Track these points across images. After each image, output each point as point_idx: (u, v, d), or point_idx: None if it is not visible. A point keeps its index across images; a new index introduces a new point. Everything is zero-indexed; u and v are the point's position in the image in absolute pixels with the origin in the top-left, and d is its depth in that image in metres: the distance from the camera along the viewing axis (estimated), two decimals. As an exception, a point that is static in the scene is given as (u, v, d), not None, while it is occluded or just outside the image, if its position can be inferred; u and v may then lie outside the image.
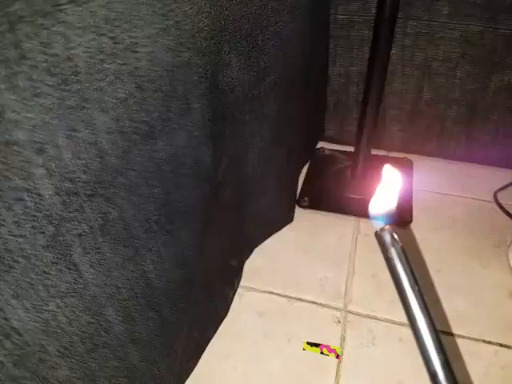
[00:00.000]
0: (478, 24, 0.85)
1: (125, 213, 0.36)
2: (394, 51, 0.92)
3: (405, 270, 0.24)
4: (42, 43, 0.24)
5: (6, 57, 0.22)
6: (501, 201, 0.92)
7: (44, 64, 0.24)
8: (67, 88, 0.26)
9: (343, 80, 1.02)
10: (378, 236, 0.25)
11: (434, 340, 0.24)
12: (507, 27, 0.84)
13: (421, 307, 0.24)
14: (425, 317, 0.24)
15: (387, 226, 0.25)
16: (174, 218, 0.45)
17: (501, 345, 0.68)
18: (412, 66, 0.94)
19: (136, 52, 0.31)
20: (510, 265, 0.79)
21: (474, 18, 0.84)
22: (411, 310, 0.24)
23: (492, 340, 0.68)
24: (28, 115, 0.24)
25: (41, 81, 0.24)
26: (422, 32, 0.89)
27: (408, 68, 0.94)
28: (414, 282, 0.24)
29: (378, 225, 0.26)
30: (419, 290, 0.24)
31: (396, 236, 0.25)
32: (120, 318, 0.41)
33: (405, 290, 0.24)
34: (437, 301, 0.74)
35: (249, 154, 0.68)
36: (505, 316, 0.71)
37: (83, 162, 0.29)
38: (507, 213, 0.88)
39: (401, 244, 0.25)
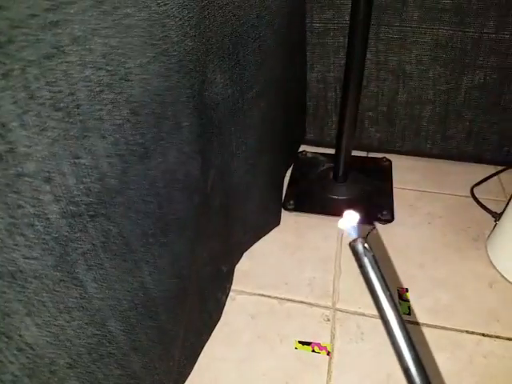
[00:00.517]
0: (447, 28, 0.89)
1: (124, 229, 0.39)
2: (368, 56, 0.96)
3: (376, 276, 0.27)
4: (47, 82, 0.26)
5: (17, 98, 0.24)
6: (477, 195, 0.96)
7: (50, 101, 0.26)
8: (70, 120, 0.29)
9: (321, 85, 1.05)
10: (352, 246, 0.28)
11: (405, 338, 0.27)
12: (475, 30, 0.88)
13: (392, 308, 0.27)
14: (396, 317, 0.27)
15: (360, 238, 0.28)
16: (167, 231, 0.48)
17: (483, 334, 0.71)
18: (386, 70, 0.98)
19: (130, 81, 0.34)
20: (488, 257, 0.83)
21: (444, 22, 0.88)
22: (383, 311, 0.27)
23: (475, 330, 0.72)
24: (37, 148, 0.26)
25: (47, 116, 0.27)
26: (394, 37, 0.93)
27: (383, 72, 0.98)
28: (385, 286, 0.27)
29: (351, 236, 0.29)
30: (390, 294, 0.27)
31: (367, 246, 0.28)
32: (122, 328, 0.43)
33: (377, 294, 0.27)
34: (421, 295, 0.77)
35: (235, 163, 0.70)
36: (486, 306, 0.75)
37: (86, 185, 0.31)
38: (484, 207, 0.92)
39: (372, 253, 0.27)
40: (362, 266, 0.28)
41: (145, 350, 0.50)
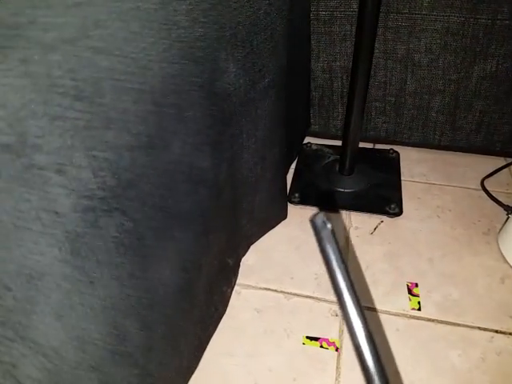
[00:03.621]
0: (459, 14, 0.86)
1: (138, 223, 0.37)
2: (376, 45, 0.93)
3: (333, 249, 0.26)
4: (70, 69, 0.24)
5: (39, 85, 0.22)
6: (488, 188, 0.94)
7: (72, 91, 0.24)
8: (92, 110, 0.26)
9: (327, 75, 1.02)
10: (311, 221, 0.27)
11: (358, 314, 0.26)
12: (487, 17, 0.85)
13: (347, 283, 0.26)
14: (350, 293, 0.26)
15: (320, 213, 0.27)
16: (175, 224, 0.46)
17: (496, 331, 0.69)
18: (395, 59, 0.95)
19: (151, 69, 0.31)
20: (500, 251, 0.80)
21: (455, 9, 0.86)
22: (338, 285, 0.26)
23: (487, 327, 0.70)
24: (50, 138, 0.24)
25: (69, 107, 0.25)
26: (403, 25, 0.90)
27: (391, 61, 0.95)
28: (341, 260, 0.26)
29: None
30: (346, 268, 0.26)
31: (326, 220, 0.27)
32: (138, 327, 0.41)
33: (333, 268, 0.26)
34: (431, 290, 0.75)
35: (245, 156, 0.68)
36: (498, 302, 0.73)
37: (101, 179, 0.29)
38: (495, 200, 0.90)
39: (331, 228, 0.27)
40: (319, 240, 0.27)
41: (158, 347, 0.48)
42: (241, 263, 0.83)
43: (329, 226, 0.27)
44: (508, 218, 0.81)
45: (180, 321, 0.52)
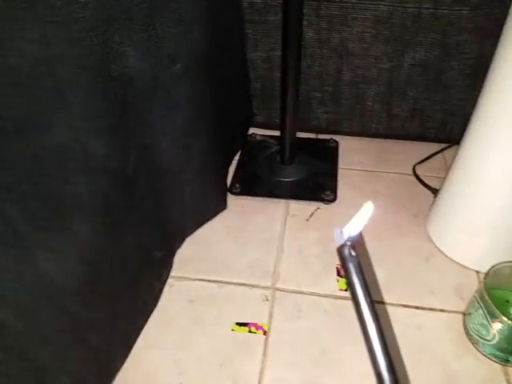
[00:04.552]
0: (387, 3, 0.88)
1: (7, 213, 0.36)
2: (310, 34, 0.94)
3: (359, 282, 0.28)
4: None
5: None
6: (421, 173, 0.96)
7: None
8: None
9: (267, 65, 1.03)
10: (339, 251, 0.29)
11: (381, 344, 0.27)
12: (415, 5, 0.87)
13: (371, 315, 0.28)
14: (374, 322, 0.28)
15: (347, 243, 0.29)
16: (67, 214, 0.45)
17: (417, 307, 0.71)
18: (329, 48, 0.96)
19: (11, 50, 0.31)
20: (427, 232, 0.83)
21: (383, -2, 0.87)
22: (363, 316, 0.28)
23: (409, 304, 0.72)
24: None
25: None
26: (335, 14, 0.91)
27: (325, 50, 0.97)
28: (367, 293, 0.28)
29: (340, 239, 0.29)
30: (371, 301, 0.28)
31: (354, 252, 0.29)
32: (19, 320, 0.40)
33: (358, 300, 0.28)
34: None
35: (163, 144, 0.67)
36: (421, 280, 0.75)
37: None
38: (424, 184, 0.92)
39: (358, 259, 0.29)
40: (346, 271, 0.29)
41: (51, 340, 0.47)
42: (175, 256, 0.83)
43: (356, 257, 0.28)
44: (434, 201, 0.84)
45: (81, 313, 0.51)
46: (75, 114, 0.42)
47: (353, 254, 0.29)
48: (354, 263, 0.29)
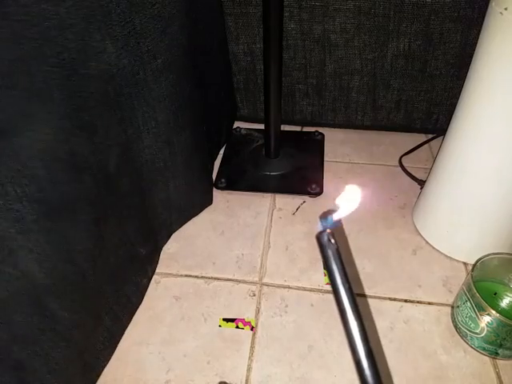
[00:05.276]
0: (369, -7, 0.87)
1: None
2: (292, 26, 0.93)
3: (337, 268, 0.28)
4: None
5: None
6: (407, 164, 0.96)
7: None
8: None
9: (249, 58, 1.02)
10: (317, 238, 0.29)
11: (360, 332, 0.26)
12: (397, -5, 0.86)
13: (350, 301, 0.27)
14: (353, 310, 0.27)
15: (326, 231, 0.28)
16: (53, 215, 0.44)
17: (405, 300, 0.71)
18: (312, 40, 0.95)
19: None
20: (414, 224, 0.82)
21: (365, -13, 0.86)
22: (342, 303, 0.27)
23: (397, 297, 0.72)
24: None
25: None
26: (317, 5, 0.90)
27: (308, 42, 0.96)
28: (346, 279, 0.28)
29: (321, 227, 0.29)
30: (349, 287, 0.28)
31: (332, 238, 0.28)
32: None
33: (337, 286, 0.28)
34: (346, 264, 0.76)
35: (145, 141, 0.66)
36: (409, 272, 0.75)
37: None
38: (410, 175, 0.92)
39: (336, 246, 0.28)
40: (325, 258, 0.28)
41: (33, 339, 0.46)
42: (162, 252, 0.82)
43: (334, 243, 0.28)
44: (420, 192, 0.83)
45: (65, 313, 0.50)
46: (52, 113, 0.41)
47: (332, 240, 0.28)
48: (333, 250, 0.28)
